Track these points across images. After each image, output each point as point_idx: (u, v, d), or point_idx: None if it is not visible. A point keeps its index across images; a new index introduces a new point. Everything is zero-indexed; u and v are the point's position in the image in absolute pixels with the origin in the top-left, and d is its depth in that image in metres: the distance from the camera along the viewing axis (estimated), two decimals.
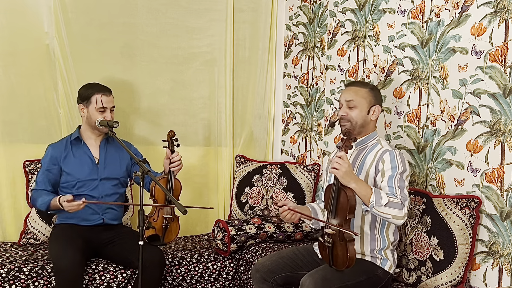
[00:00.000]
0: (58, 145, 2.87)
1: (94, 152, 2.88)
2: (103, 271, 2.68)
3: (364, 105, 2.36)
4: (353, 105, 2.35)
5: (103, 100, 2.79)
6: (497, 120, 2.18)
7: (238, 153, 3.70)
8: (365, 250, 2.32)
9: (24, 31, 3.20)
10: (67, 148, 2.85)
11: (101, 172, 2.85)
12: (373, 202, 2.10)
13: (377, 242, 2.32)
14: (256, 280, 2.42)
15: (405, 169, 2.24)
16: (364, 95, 2.37)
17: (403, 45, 2.70)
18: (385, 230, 2.32)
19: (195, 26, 3.56)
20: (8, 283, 2.55)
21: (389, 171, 2.22)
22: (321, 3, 3.39)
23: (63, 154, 2.83)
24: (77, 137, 2.87)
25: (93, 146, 2.89)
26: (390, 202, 2.10)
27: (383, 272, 2.29)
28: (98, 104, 2.79)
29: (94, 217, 2.82)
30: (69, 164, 2.82)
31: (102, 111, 2.80)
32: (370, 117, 2.37)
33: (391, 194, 2.15)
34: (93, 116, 2.80)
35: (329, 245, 2.20)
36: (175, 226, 2.91)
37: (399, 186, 2.18)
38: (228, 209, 3.64)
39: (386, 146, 2.32)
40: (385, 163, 2.24)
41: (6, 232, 3.21)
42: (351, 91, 2.39)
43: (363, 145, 2.40)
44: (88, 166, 2.84)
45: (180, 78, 3.56)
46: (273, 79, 3.82)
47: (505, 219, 2.15)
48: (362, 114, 2.35)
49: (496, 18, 2.19)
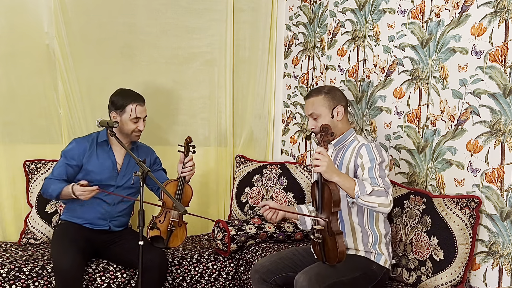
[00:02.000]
0: (83, 141, 2.82)
1: (118, 158, 2.84)
2: (104, 272, 2.68)
3: (325, 112, 2.42)
4: (316, 116, 2.43)
5: (137, 111, 2.76)
6: (497, 120, 2.18)
7: (238, 153, 3.70)
8: (359, 245, 2.34)
9: (24, 31, 3.19)
10: (92, 147, 2.80)
11: (119, 180, 2.83)
12: (358, 192, 2.13)
13: (369, 237, 2.33)
14: (256, 280, 2.42)
15: (383, 159, 2.27)
16: (320, 102, 2.43)
17: (403, 45, 2.70)
18: (375, 223, 2.33)
19: (195, 26, 3.56)
20: (8, 283, 2.55)
21: (368, 163, 2.25)
22: (321, 3, 3.39)
23: (87, 152, 2.78)
24: (105, 140, 2.83)
25: (118, 153, 2.85)
26: (374, 191, 2.13)
27: (378, 267, 2.30)
28: (132, 114, 2.75)
29: (101, 222, 2.80)
30: (91, 164, 2.78)
31: (135, 121, 2.77)
32: (336, 118, 2.42)
33: (374, 184, 2.18)
34: (126, 125, 2.76)
35: (319, 241, 2.23)
36: (181, 232, 2.88)
37: (380, 176, 2.21)
38: (228, 209, 3.64)
39: (362, 141, 2.36)
40: (363, 157, 2.28)
41: (6, 232, 3.21)
42: (308, 104, 2.47)
43: (340, 144, 2.44)
44: (109, 171, 2.81)
45: (180, 78, 3.56)
46: (273, 79, 3.82)
47: (505, 219, 2.15)
48: (327, 119, 2.41)
49: (496, 18, 2.19)
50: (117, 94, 2.82)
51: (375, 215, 2.33)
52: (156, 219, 2.83)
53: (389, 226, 2.39)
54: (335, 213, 2.18)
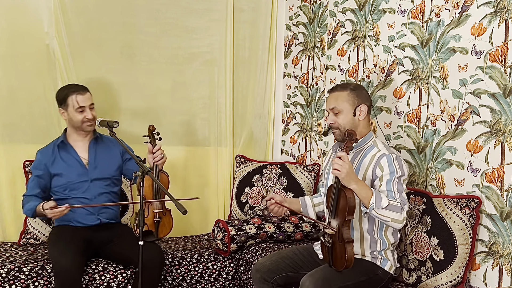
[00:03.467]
0: (45, 150, 2.86)
1: (82, 154, 2.86)
2: (103, 271, 2.68)
3: (348, 108, 2.34)
4: (338, 111, 2.34)
5: (78, 100, 2.76)
6: (497, 120, 2.18)
7: (238, 153, 3.70)
8: (366, 251, 2.32)
9: (24, 31, 3.19)
10: (55, 152, 2.83)
11: (91, 173, 2.84)
12: (373, 204, 2.10)
13: (377, 244, 2.31)
14: (256, 280, 2.42)
15: (403, 173, 2.23)
16: (345, 98, 2.34)
17: (403, 45, 2.70)
18: (384, 232, 2.31)
19: (195, 26, 3.56)
20: (8, 283, 2.55)
21: (387, 175, 2.20)
22: (321, 3, 3.39)
23: (50, 158, 2.81)
24: (62, 141, 2.85)
25: (80, 148, 2.87)
26: (390, 205, 2.10)
27: (383, 272, 2.29)
28: (75, 104, 2.76)
29: (90, 218, 2.81)
30: (57, 168, 2.80)
31: (81, 111, 2.77)
32: (358, 118, 2.35)
33: (390, 197, 2.15)
34: (74, 117, 2.78)
35: (328, 245, 2.21)
36: (167, 220, 2.86)
37: (397, 190, 2.17)
38: (228, 209, 3.64)
39: (383, 150, 2.28)
40: (383, 169, 2.22)
41: (6, 232, 3.21)
42: (332, 98, 2.39)
43: (359, 148, 2.37)
44: (77, 169, 2.83)
45: (180, 78, 3.56)
46: (273, 79, 3.82)
47: (505, 219, 2.15)
48: (349, 117, 2.34)
49: (496, 18, 2.19)
50: (58, 91, 2.87)
51: (385, 225, 2.30)
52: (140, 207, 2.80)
53: (398, 234, 2.36)
54: (348, 221, 2.15)
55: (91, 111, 2.80)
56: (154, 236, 2.80)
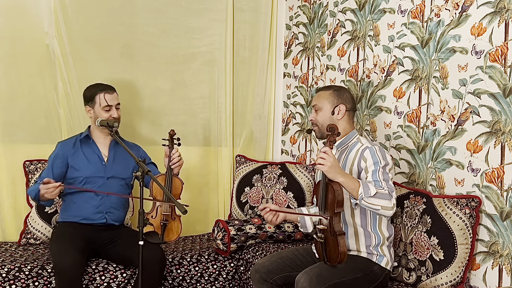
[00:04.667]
0: (67, 142, 2.90)
1: (103, 151, 2.90)
2: (103, 271, 2.68)
3: (327, 106, 2.44)
4: (318, 108, 2.46)
5: (106, 98, 2.81)
6: (497, 120, 2.18)
7: (238, 153, 3.70)
8: (361, 247, 2.33)
9: (24, 31, 3.20)
10: (76, 145, 2.87)
11: (108, 171, 2.86)
12: (362, 193, 2.12)
13: (372, 239, 2.32)
14: (256, 280, 2.42)
15: (387, 162, 2.27)
16: (325, 96, 2.46)
17: (403, 45, 2.70)
18: (378, 225, 2.33)
19: (195, 26, 3.56)
20: (8, 283, 2.55)
21: (372, 166, 2.24)
22: (321, 3, 3.39)
23: (71, 151, 2.84)
24: (87, 136, 2.89)
25: (102, 145, 2.91)
26: (378, 193, 2.13)
27: (379, 269, 2.30)
28: (102, 103, 2.80)
29: (97, 216, 2.81)
30: (76, 161, 2.83)
31: (107, 110, 2.81)
32: (336, 116, 2.42)
33: (378, 186, 2.17)
34: (100, 115, 2.81)
35: (321, 240, 2.23)
36: (176, 225, 2.88)
37: (384, 179, 2.20)
38: (228, 209, 3.64)
39: (366, 143, 2.34)
40: (367, 160, 2.27)
41: (6, 232, 3.21)
42: (315, 96, 2.52)
43: (343, 146, 2.43)
44: (96, 164, 2.85)
45: (180, 78, 3.56)
46: (273, 79, 3.82)
47: (505, 219, 2.15)
48: (327, 115, 2.43)
49: (496, 18, 2.19)
50: (86, 88, 2.90)
51: (378, 217, 2.32)
52: (148, 215, 2.82)
53: (392, 228, 2.38)
54: (338, 214, 2.18)
55: (117, 110, 2.85)
56: (158, 238, 2.80)
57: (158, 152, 3.14)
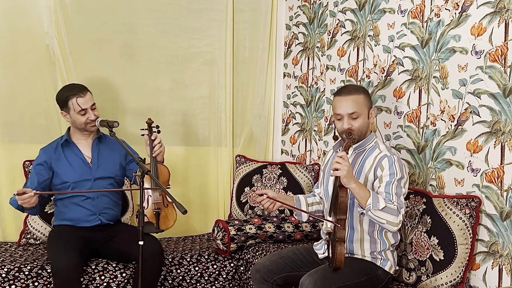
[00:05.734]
0: (48, 148, 2.85)
1: (86, 152, 2.86)
2: (103, 271, 2.68)
3: (365, 112, 2.32)
4: (357, 115, 2.28)
5: (79, 103, 2.73)
6: (497, 120, 2.18)
7: (238, 153, 3.70)
8: (365, 251, 2.33)
9: (24, 31, 3.19)
10: (58, 150, 2.82)
11: (94, 172, 2.83)
12: (370, 205, 2.10)
13: (377, 245, 2.31)
14: (256, 280, 2.42)
15: (403, 175, 2.22)
16: (363, 101, 2.31)
17: (403, 45, 2.70)
18: (384, 233, 2.31)
19: (195, 26, 3.56)
20: (8, 283, 2.55)
21: (387, 177, 2.20)
22: (321, 3, 3.39)
23: (53, 156, 2.80)
24: (66, 140, 2.84)
25: (84, 146, 2.86)
26: (386, 207, 2.10)
27: (383, 273, 2.29)
28: (76, 108, 2.74)
29: (91, 218, 2.80)
30: (61, 166, 2.79)
31: (83, 114, 2.75)
32: (370, 121, 2.35)
33: (388, 200, 2.15)
34: (77, 120, 2.76)
35: (327, 243, 2.23)
36: (170, 212, 2.79)
37: (396, 193, 2.17)
38: (228, 209, 3.64)
39: (385, 151, 2.28)
40: (384, 170, 2.22)
41: (6, 232, 3.21)
42: (350, 101, 2.28)
43: (361, 148, 2.37)
44: (80, 167, 2.82)
45: (180, 78, 3.56)
46: (273, 79, 3.82)
47: (505, 219, 2.15)
48: (366, 121, 2.32)
49: (496, 18, 2.19)
50: (59, 92, 2.84)
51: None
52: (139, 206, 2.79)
53: (398, 235, 2.36)
54: (341, 220, 2.14)
55: (93, 111, 2.78)
56: (155, 228, 2.72)
57: None
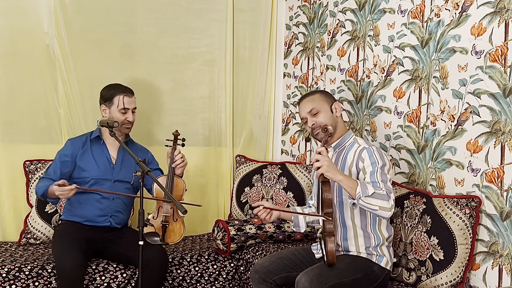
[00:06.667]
0: (77, 140, 2.87)
1: (112, 153, 2.88)
2: (104, 271, 2.68)
3: (325, 106, 2.43)
4: (316, 111, 2.42)
5: (125, 101, 2.79)
6: (497, 120, 2.18)
7: (238, 153, 3.70)
8: (360, 248, 2.33)
9: (24, 31, 3.20)
10: (86, 144, 2.85)
11: (116, 174, 2.84)
12: (360, 193, 2.12)
13: (371, 240, 2.33)
14: (256, 281, 2.42)
15: (385, 162, 2.26)
16: (319, 98, 2.46)
17: (403, 45, 2.70)
18: (377, 226, 2.33)
19: (195, 26, 3.56)
20: (8, 283, 2.55)
21: (369, 167, 2.25)
22: (321, 3, 3.39)
23: (80, 150, 2.82)
24: (98, 136, 2.87)
25: (112, 146, 2.88)
26: (375, 193, 2.13)
27: (379, 269, 2.30)
28: (120, 105, 2.78)
29: (101, 219, 2.80)
30: (85, 161, 2.81)
31: (124, 112, 2.80)
32: (336, 114, 2.43)
33: (376, 187, 2.17)
34: (115, 117, 2.79)
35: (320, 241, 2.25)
36: (178, 227, 2.85)
37: (382, 180, 2.20)
38: (228, 209, 3.64)
39: (363, 144, 2.34)
40: (365, 160, 2.27)
41: (6, 232, 3.21)
42: (306, 102, 2.47)
43: (340, 147, 2.43)
44: (104, 166, 2.84)
45: (180, 78, 3.56)
46: (273, 79, 3.82)
47: (505, 219, 2.15)
48: (328, 114, 2.42)
49: (496, 18, 2.19)
50: (105, 88, 2.87)
51: (378, 218, 2.32)
52: (149, 216, 2.81)
53: (391, 229, 2.38)
54: (328, 214, 2.19)
55: (133, 114, 2.84)
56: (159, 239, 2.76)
57: (158, 152, 3.15)
